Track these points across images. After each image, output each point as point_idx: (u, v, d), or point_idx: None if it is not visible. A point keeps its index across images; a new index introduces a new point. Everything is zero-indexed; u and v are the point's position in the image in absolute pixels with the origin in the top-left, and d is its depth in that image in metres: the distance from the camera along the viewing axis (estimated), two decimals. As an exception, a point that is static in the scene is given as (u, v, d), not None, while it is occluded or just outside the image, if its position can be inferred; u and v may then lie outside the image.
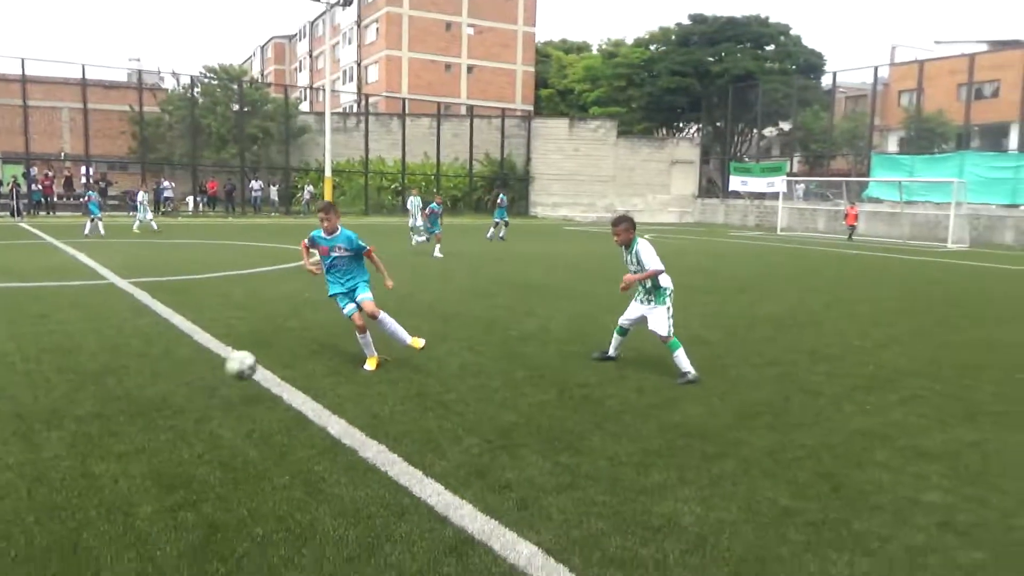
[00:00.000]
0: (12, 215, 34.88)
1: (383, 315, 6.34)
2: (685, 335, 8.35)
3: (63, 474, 4.11)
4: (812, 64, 50.02)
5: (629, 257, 6.46)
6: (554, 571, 3.23)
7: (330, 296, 6.48)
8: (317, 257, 6.54)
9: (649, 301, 6.45)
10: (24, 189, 36.84)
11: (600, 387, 6.10)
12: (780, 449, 4.76)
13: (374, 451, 4.51)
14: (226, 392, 5.67)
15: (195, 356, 6.84)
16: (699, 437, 4.93)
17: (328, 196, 38.77)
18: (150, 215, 26.28)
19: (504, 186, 45.45)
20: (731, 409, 5.59)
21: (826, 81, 49.22)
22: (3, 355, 6.76)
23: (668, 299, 6.38)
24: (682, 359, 6.23)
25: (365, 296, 6.33)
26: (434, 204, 18.94)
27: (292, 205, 44.59)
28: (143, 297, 10.13)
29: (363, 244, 6.37)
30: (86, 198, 28.94)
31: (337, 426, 4.94)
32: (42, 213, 37.42)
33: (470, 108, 52.24)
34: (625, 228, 6.37)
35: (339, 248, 6.36)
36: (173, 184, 41.64)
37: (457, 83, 62.08)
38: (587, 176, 48.99)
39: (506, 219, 24.61)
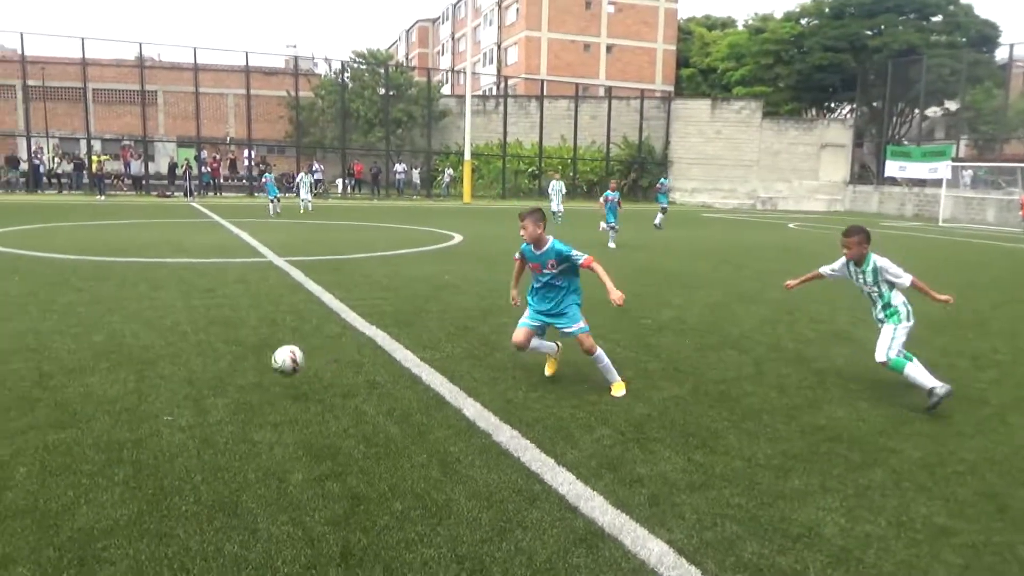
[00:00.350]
0: (185, 195, 38.07)
1: (600, 351, 5.49)
2: (830, 331, 7.93)
3: (226, 438, 4.46)
4: (985, 36, 45.59)
5: (860, 275, 5.63)
6: (686, 572, 3.18)
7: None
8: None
9: (881, 321, 5.61)
10: (195, 171, 40.08)
11: (738, 383, 5.91)
12: (937, 462, 4.43)
13: (507, 436, 4.60)
14: (370, 369, 5.96)
15: (343, 333, 7.22)
16: (845, 443, 4.68)
17: (467, 180, 39.63)
18: (309, 196, 27.90)
19: (642, 170, 44.69)
20: (881, 414, 5.26)
21: (1001, 55, 44.85)
22: (177, 325, 7.42)
23: (904, 318, 5.52)
24: (919, 375, 5.28)
25: (581, 328, 5.42)
26: (609, 192, 17.30)
27: (433, 188, 45.95)
28: (297, 275, 10.80)
29: (578, 255, 5.32)
30: (263, 180, 31.10)
31: (472, 409, 5.08)
32: (210, 193, 40.57)
33: (608, 89, 51.60)
34: (859, 240, 5.55)
35: (551, 264, 5.39)
36: (323, 167, 43.93)
37: (596, 63, 61.46)
38: (729, 160, 47.27)
39: (664, 204, 24.02)
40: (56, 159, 40.33)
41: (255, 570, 3.09)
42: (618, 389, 5.46)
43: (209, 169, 41.68)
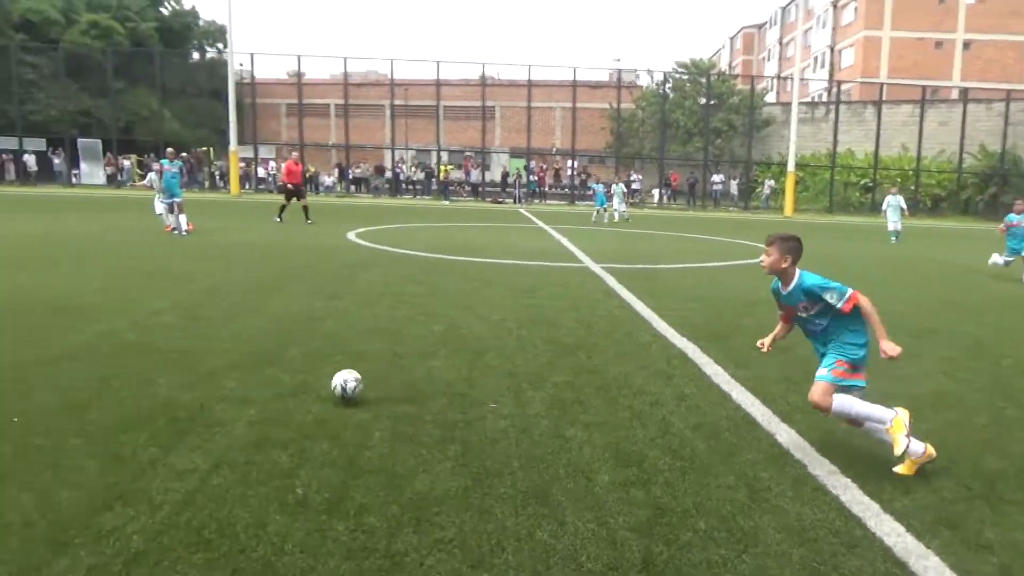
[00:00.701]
0: (515, 201, 41.36)
1: (837, 404, 4.24)
2: None
3: (541, 431, 4.74)
4: None
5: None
6: (1047, 664, 2.67)
7: None
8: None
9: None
10: (524, 180, 43.32)
11: None
12: None
13: (825, 470, 4.25)
14: (680, 382, 5.92)
15: (652, 342, 7.27)
16: None
17: (789, 192, 37.46)
18: (623, 207, 28.51)
19: (1004, 184, 38.48)
20: None
21: None
22: (503, 320, 8.08)
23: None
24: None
25: (825, 376, 4.29)
26: (1014, 215, 13.95)
27: (751, 200, 44.24)
28: (611, 282, 11.12)
29: (837, 294, 4.21)
30: (591, 191, 32.67)
31: (786, 435, 4.79)
32: (536, 201, 43.55)
33: (964, 91, 45.18)
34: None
35: (802, 307, 4.37)
36: (641, 176, 44.66)
37: (949, 63, 54.24)
38: None
39: None
40: (413, 168, 46.47)
41: (561, 560, 3.24)
42: (907, 469, 4.15)
43: (536, 178, 44.75)
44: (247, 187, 41.42)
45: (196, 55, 49.36)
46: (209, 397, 5.15)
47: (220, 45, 49.62)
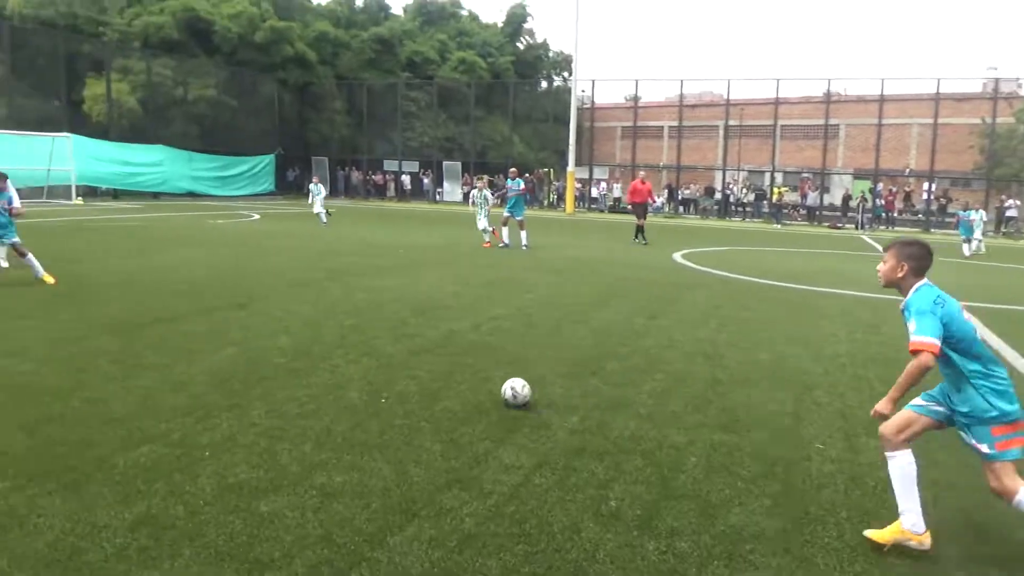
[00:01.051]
0: (856, 227, 37.79)
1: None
2: None
3: (876, 482, 4.24)
4: None
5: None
6: None
7: None
8: None
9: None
10: (869, 203, 39.41)
11: None
12: None
13: None
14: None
15: None
16: None
17: None
18: (980, 236, 24.36)
19: None
20: None
21: None
22: (837, 356, 7.41)
23: None
24: None
25: (991, 452, 3.41)
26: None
27: None
28: (982, 329, 9.55)
29: (916, 325, 3.44)
30: (956, 218, 28.72)
31: None
32: (881, 227, 39.35)
33: None
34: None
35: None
36: (1019, 203, 38.00)
37: None
38: None
39: None
40: (744, 190, 44.99)
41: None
42: (885, 536, 3.47)
43: (883, 202, 40.49)
44: (581, 206, 43.71)
45: (544, 84, 53.53)
46: (537, 400, 5.46)
47: (566, 74, 53.10)
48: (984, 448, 3.42)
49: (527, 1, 53.93)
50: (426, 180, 47.13)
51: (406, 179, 46.89)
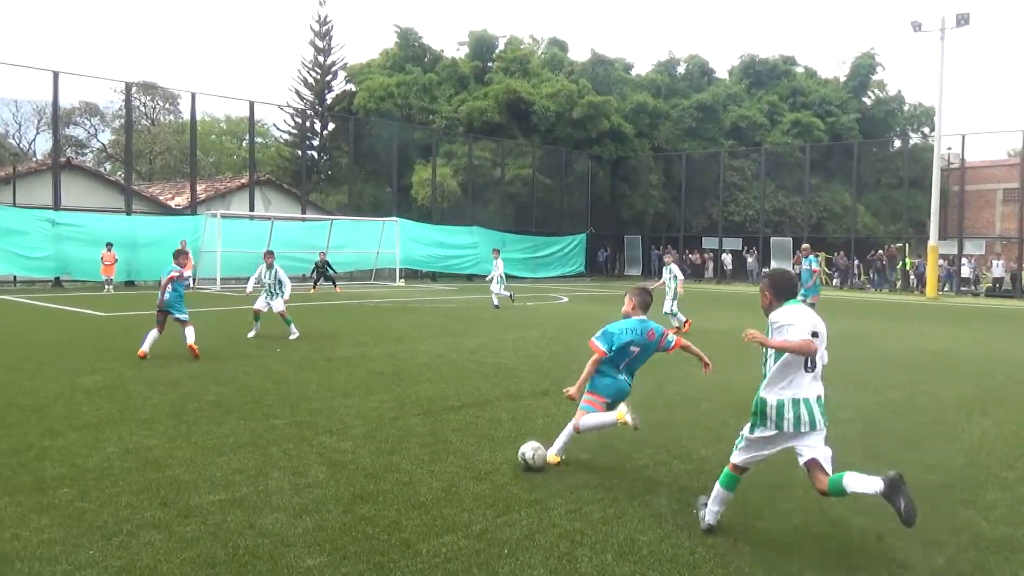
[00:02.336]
0: None
1: None
2: None
3: None
4: None
5: None
6: None
7: None
8: None
9: None
10: None
11: None
12: None
13: None
14: None
15: None
16: None
17: None
18: None
19: None
20: None
21: None
22: None
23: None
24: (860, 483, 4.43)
25: None
26: None
27: None
28: None
29: None
30: None
31: None
32: None
33: None
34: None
35: None
36: None
37: None
38: None
39: None
40: None
41: None
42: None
43: None
44: (947, 288, 39.17)
45: (897, 143, 49.67)
46: (891, 529, 4.93)
47: (926, 129, 48.92)
48: None
49: (876, 51, 51.20)
50: (750, 259, 45.58)
51: (727, 258, 45.83)
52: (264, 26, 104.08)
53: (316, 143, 47.12)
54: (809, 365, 4.61)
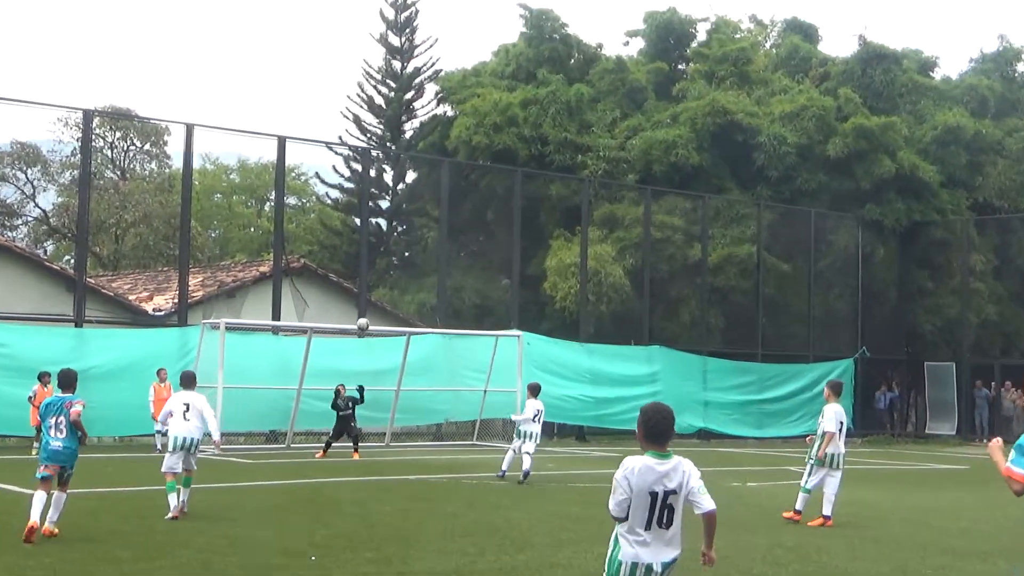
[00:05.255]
0: None
1: None
2: None
3: None
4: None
5: None
6: None
7: None
8: None
9: None
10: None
11: None
12: None
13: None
14: None
15: None
16: None
17: None
18: None
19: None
20: None
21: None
22: None
23: None
24: None
25: None
26: None
27: None
28: None
29: None
30: None
31: None
32: None
33: None
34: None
35: None
36: None
37: None
38: None
39: None
40: None
41: None
42: None
43: None
44: None
45: None
46: None
47: None
48: None
49: None
50: None
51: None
52: (305, 20, 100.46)
53: (386, 205, 46.72)
54: None
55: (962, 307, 41.60)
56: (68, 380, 12.67)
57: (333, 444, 27.14)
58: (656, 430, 5.75)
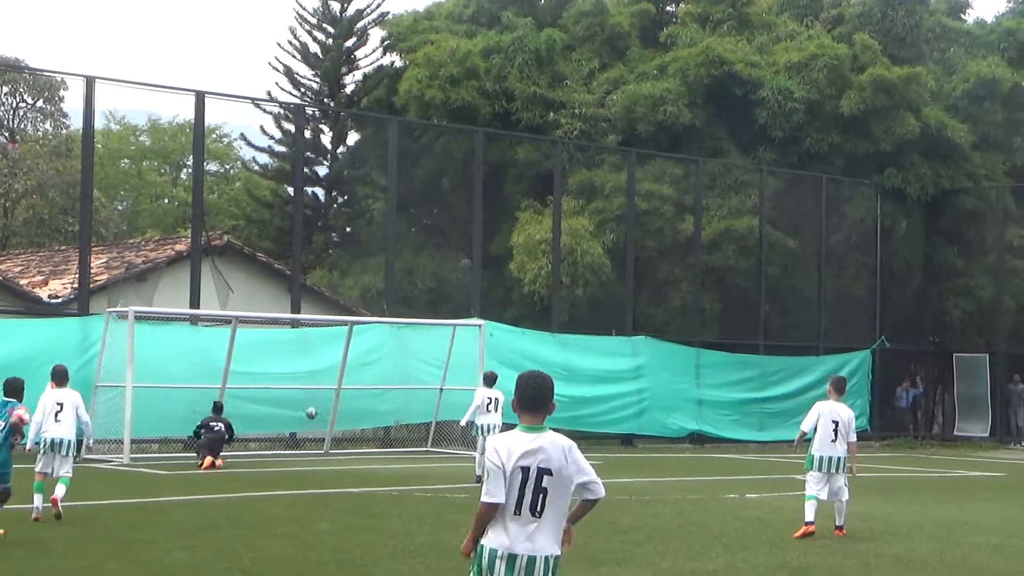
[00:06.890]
0: None
1: None
2: None
3: None
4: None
5: None
6: None
7: None
8: None
9: None
10: None
11: None
12: None
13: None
14: None
15: None
16: None
17: None
18: None
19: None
20: None
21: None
22: None
23: None
24: None
25: None
26: None
27: None
28: None
29: None
30: None
31: None
32: None
33: None
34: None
35: None
36: None
37: None
38: None
39: None
40: None
41: None
42: None
43: None
44: None
45: None
46: None
47: None
48: None
49: None
50: None
51: None
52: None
53: (324, 172, 46.43)
54: None
55: (997, 289, 41.90)
56: (6, 385, 13.07)
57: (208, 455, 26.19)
58: (528, 398, 5.87)
